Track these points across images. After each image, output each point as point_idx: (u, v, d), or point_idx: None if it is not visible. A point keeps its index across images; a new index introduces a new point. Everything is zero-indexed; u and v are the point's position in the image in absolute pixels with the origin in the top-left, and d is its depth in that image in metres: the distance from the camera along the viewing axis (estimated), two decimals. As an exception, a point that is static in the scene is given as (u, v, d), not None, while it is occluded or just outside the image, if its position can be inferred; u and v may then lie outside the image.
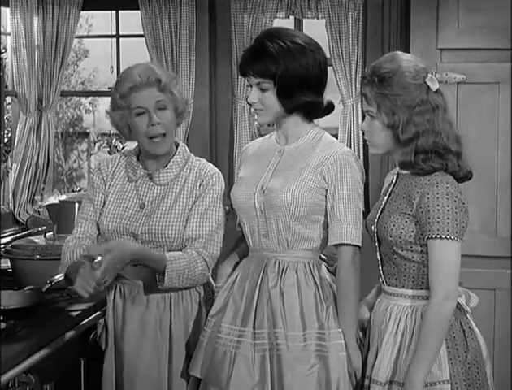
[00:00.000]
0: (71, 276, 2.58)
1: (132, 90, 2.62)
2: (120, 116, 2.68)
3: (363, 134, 2.53)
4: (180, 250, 2.69)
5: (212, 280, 2.84)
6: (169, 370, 2.70)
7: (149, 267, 2.62)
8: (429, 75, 2.42)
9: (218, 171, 2.79)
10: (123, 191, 2.75)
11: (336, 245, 2.54)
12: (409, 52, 3.96)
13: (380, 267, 2.51)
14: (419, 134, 2.38)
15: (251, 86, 2.57)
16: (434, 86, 2.41)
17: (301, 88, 2.51)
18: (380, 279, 2.52)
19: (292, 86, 2.50)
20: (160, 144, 2.66)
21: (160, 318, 2.70)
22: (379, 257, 2.50)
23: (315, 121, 2.66)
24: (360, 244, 2.52)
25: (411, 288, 2.43)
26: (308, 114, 2.59)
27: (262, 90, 2.53)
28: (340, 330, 2.52)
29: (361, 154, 4.27)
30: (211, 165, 2.80)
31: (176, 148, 2.78)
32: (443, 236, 2.32)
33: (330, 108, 2.63)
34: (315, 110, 2.58)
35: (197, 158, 2.81)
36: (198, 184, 2.73)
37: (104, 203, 2.77)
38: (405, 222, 2.40)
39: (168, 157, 2.74)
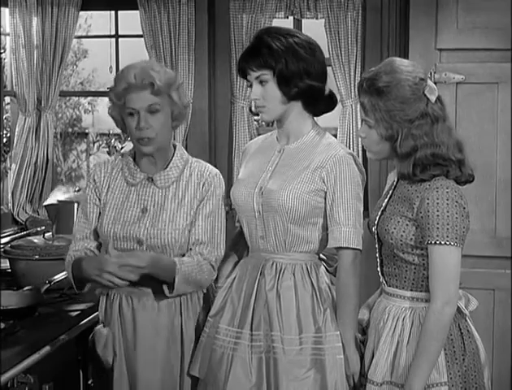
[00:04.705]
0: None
1: (126, 91, 2.62)
2: (118, 111, 2.70)
3: (361, 139, 2.52)
4: (183, 254, 2.69)
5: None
6: (181, 370, 2.69)
7: (157, 276, 2.61)
8: (428, 83, 2.38)
9: (218, 171, 2.78)
10: (124, 196, 2.73)
11: (336, 248, 2.53)
12: (408, 52, 3.96)
13: (380, 268, 2.50)
14: (418, 148, 2.35)
15: (251, 86, 2.56)
16: (433, 97, 2.37)
17: (300, 75, 2.50)
18: (381, 280, 2.52)
19: (292, 72, 2.49)
20: (146, 145, 2.65)
21: (172, 322, 2.68)
22: (379, 258, 2.50)
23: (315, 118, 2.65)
24: (360, 247, 2.51)
25: (410, 290, 2.43)
26: (309, 100, 2.55)
27: (262, 83, 2.52)
28: (337, 333, 2.51)
29: (360, 155, 4.26)
30: (211, 166, 2.79)
31: (174, 150, 2.76)
32: (443, 242, 2.30)
33: (332, 100, 2.61)
34: (317, 95, 2.55)
35: (196, 159, 2.80)
36: (201, 185, 2.72)
37: (99, 213, 2.74)
38: (406, 225, 2.38)
39: (166, 159, 2.73)
